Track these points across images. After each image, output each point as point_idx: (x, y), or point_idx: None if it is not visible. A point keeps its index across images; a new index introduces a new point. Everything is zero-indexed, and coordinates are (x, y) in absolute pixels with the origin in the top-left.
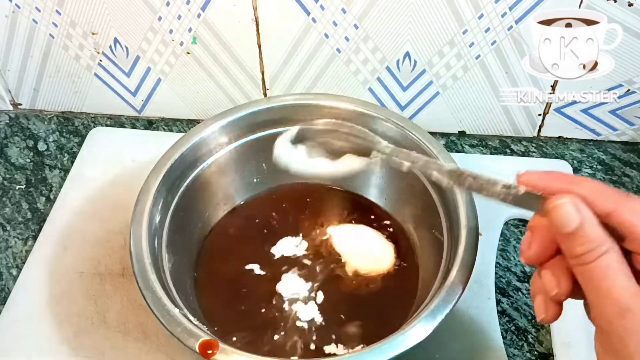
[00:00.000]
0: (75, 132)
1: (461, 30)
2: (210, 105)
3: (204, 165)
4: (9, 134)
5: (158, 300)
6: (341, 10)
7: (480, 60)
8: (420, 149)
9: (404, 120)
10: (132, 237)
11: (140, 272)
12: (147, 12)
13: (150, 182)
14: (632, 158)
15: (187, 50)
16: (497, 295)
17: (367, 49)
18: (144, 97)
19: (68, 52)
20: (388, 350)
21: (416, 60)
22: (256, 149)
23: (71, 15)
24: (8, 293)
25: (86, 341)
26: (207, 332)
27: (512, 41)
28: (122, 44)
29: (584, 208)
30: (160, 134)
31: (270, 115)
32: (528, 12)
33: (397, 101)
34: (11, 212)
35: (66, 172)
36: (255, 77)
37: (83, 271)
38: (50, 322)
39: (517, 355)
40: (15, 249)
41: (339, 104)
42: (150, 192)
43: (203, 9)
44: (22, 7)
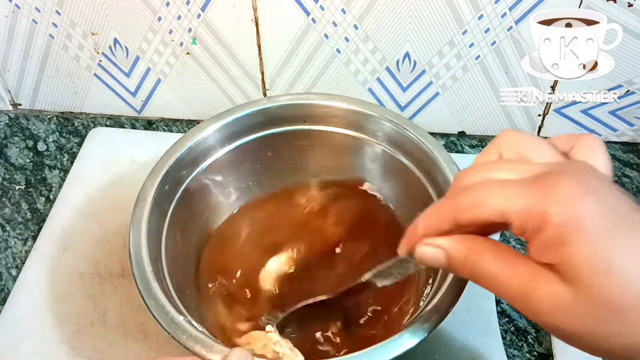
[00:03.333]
0: (75, 133)
1: (461, 30)
2: (210, 106)
3: (200, 169)
4: (8, 134)
5: (162, 309)
6: (341, 10)
7: (480, 60)
8: (418, 148)
9: (402, 118)
10: (131, 243)
11: (142, 281)
12: (147, 12)
13: (146, 188)
14: (631, 158)
15: (187, 50)
16: None
17: (366, 50)
18: (143, 98)
19: (68, 52)
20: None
21: (416, 60)
22: (253, 150)
23: (71, 15)
24: (8, 293)
25: (86, 341)
26: (212, 338)
27: (511, 41)
28: (121, 44)
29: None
30: (159, 134)
31: (267, 116)
32: (528, 13)
33: (396, 101)
34: (11, 213)
35: (66, 172)
36: (255, 78)
37: (83, 271)
38: (50, 322)
39: (517, 356)
40: (15, 249)
41: (336, 103)
42: (147, 199)
43: (203, 9)
44: (22, 7)
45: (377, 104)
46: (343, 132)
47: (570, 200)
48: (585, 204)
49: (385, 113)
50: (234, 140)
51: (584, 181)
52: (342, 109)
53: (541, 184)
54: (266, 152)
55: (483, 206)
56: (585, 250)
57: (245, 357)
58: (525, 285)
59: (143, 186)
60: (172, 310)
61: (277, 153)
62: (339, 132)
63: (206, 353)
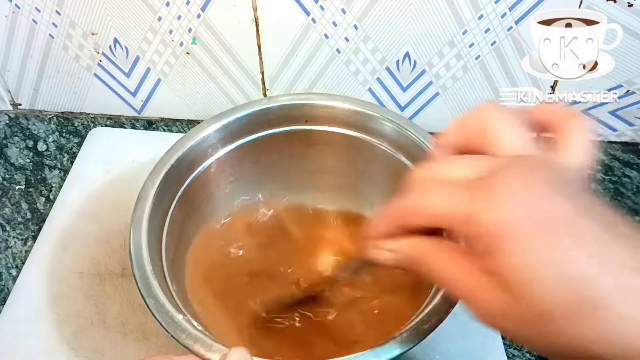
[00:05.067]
0: (75, 133)
1: (461, 30)
2: (210, 106)
3: (201, 169)
4: (8, 134)
5: (161, 308)
6: (341, 10)
7: (480, 60)
8: (418, 147)
9: (402, 118)
10: (132, 243)
11: (142, 280)
12: (147, 12)
13: (147, 187)
14: (631, 159)
15: (187, 50)
16: None
17: (366, 50)
18: (143, 98)
19: (68, 52)
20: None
21: (416, 60)
22: (254, 150)
23: (71, 15)
24: (8, 293)
25: (86, 341)
26: (212, 338)
27: (511, 41)
28: (121, 45)
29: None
30: (160, 134)
31: (268, 116)
32: (528, 13)
33: (397, 102)
34: (11, 213)
35: (66, 172)
36: (255, 78)
37: (83, 271)
38: (50, 322)
39: (517, 356)
40: (14, 249)
41: (337, 103)
42: (148, 199)
43: (203, 9)
44: (22, 7)
45: (377, 105)
46: (345, 132)
47: (501, 206)
48: (517, 210)
49: (386, 114)
50: (235, 140)
51: (525, 183)
52: (343, 110)
53: (479, 187)
54: (267, 153)
55: (422, 211)
56: (513, 260)
57: (244, 357)
58: (471, 288)
59: (144, 186)
60: (172, 310)
61: (278, 153)
62: (341, 133)
63: (205, 352)
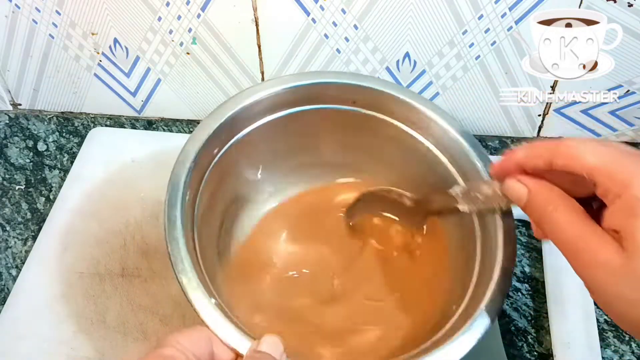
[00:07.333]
0: (75, 133)
1: (461, 30)
2: (210, 106)
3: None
4: (8, 134)
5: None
6: (341, 10)
7: (480, 60)
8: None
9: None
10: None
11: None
12: (147, 12)
13: (187, 151)
14: None
15: (186, 50)
16: None
17: (367, 50)
18: (143, 98)
19: (68, 52)
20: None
21: (416, 60)
22: (296, 124)
23: (71, 15)
24: (8, 293)
25: (86, 341)
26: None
27: (512, 41)
28: (121, 44)
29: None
30: (159, 134)
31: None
32: (528, 13)
33: None
34: (11, 213)
35: (66, 172)
36: (255, 78)
37: (83, 271)
38: (50, 322)
39: (517, 356)
40: (15, 249)
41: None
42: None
43: (203, 9)
44: (22, 7)
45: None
46: (393, 122)
47: None
48: None
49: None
50: (279, 111)
51: None
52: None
53: (635, 157)
54: (308, 128)
55: (578, 158)
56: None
57: (276, 344)
58: (590, 247)
59: (183, 150)
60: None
61: (320, 130)
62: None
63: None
